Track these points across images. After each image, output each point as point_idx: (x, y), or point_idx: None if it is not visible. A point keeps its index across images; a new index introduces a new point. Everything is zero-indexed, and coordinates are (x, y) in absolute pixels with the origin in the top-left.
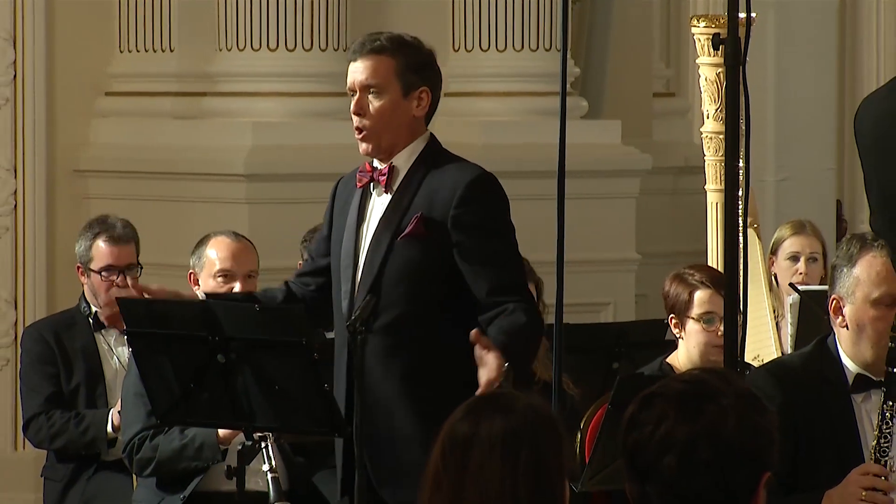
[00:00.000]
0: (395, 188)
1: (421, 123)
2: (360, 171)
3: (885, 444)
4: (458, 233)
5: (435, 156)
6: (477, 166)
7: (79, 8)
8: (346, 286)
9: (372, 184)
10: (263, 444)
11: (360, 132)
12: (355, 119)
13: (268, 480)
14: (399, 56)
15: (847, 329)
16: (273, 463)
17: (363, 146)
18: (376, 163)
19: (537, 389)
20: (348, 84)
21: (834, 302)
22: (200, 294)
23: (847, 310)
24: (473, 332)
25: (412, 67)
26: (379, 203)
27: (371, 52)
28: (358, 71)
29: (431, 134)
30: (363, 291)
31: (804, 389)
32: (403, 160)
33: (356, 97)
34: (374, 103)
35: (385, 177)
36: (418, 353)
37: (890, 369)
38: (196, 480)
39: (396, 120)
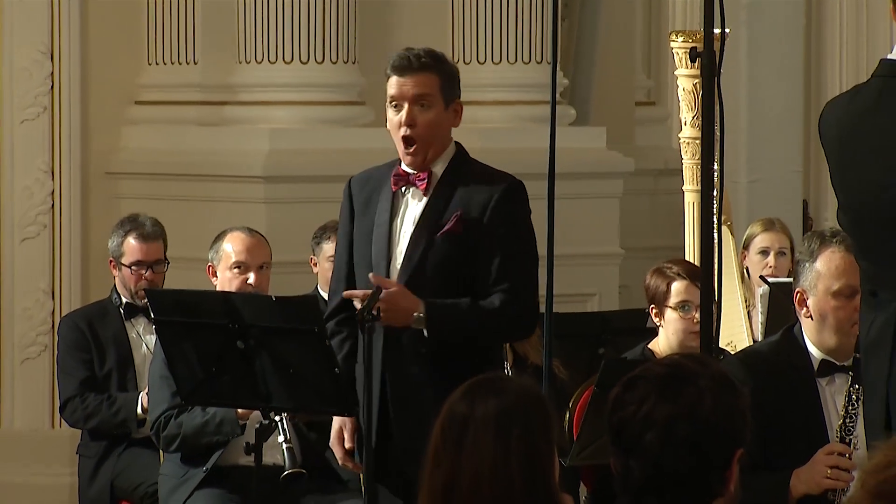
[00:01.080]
0: (431, 191)
1: (451, 132)
2: (395, 175)
3: (851, 424)
4: (488, 231)
5: (466, 161)
6: (508, 174)
7: (110, 24)
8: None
9: (408, 186)
10: (278, 418)
11: (411, 144)
12: (405, 129)
13: (283, 451)
14: (441, 72)
15: (811, 319)
16: (288, 435)
17: (410, 159)
18: (406, 167)
19: (529, 372)
20: (395, 96)
21: (798, 294)
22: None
23: (810, 301)
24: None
25: (450, 82)
26: (414, 204)
27: (419, 69)
28: (408, 85)
29: (457, 141)
30: (401, 282)
31: (773, 375)
32: (439, 166)
33: (406, 110)
34: (423, 115)
35: (424, 181)
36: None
37: (856, 355)
38: (217, 455)
39: (440, 131)
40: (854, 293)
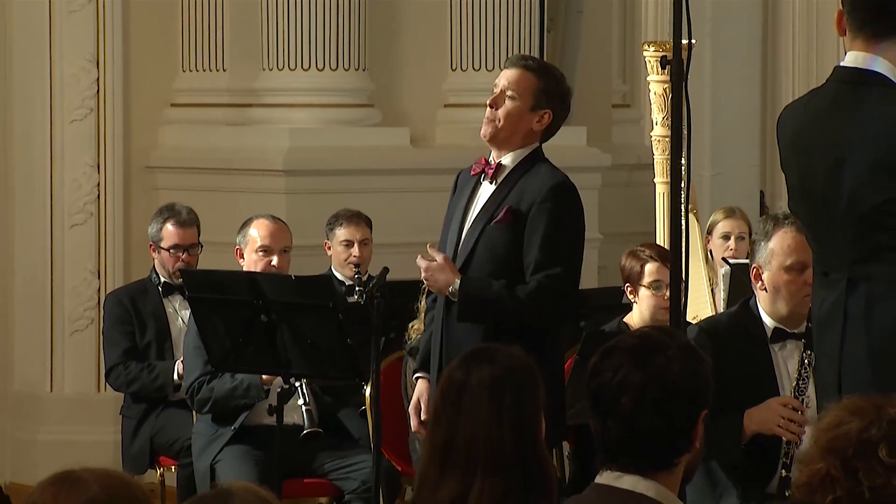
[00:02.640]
0: (498, 182)
1: (536, 136)
2: (476, 164)
3: (803, 385)
4: (532, 222)
5: (534, 161)
6: (563, 174)
7: (149, 36)
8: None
9: (482, 174)
10: (298, 384)
11: (489, 119)
12: (489, 109)
13: (302, 413)
14: (540, 78)
15: (766, 291)
16: (307, 399)
17: (485, 129)
18: (490, 157)
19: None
20: (496, 83)
21: (754, 270)
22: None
23: (765, 276)
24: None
25: (547, 91)
26: (485, 192)
27: (521, 67)
28: (506, 76)
29: (539, 145)
30: (458, 264)
31: (731, 341)
32: (510, 160)
33: (496, 93)
34: (507, 104)
35: (493, 171)
36: None
37: (808, 324)
38: (243, 416)
39: (516, 124)
40: (804, 268)
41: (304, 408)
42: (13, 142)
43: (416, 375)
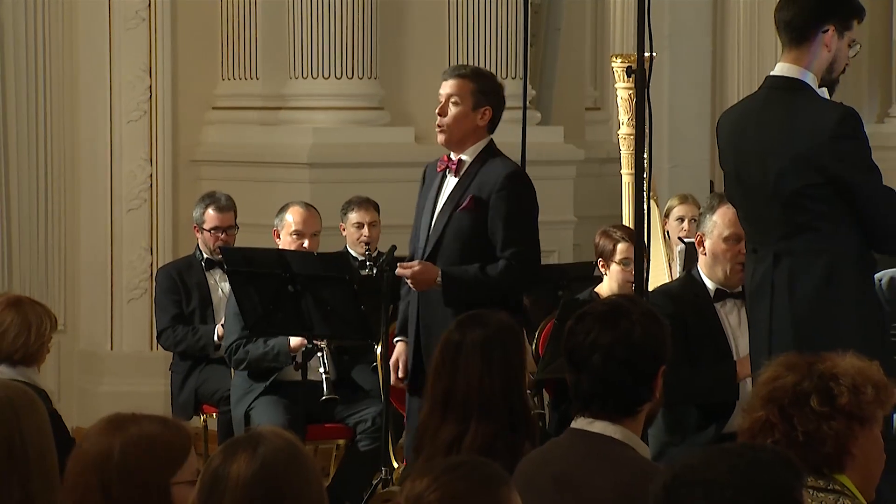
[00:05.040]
0: (460, 175)
1: (484, 131)
2: (440, 161)
3: None
4: (493, 209)
5: (489, 154)
6: (515, 164)
7: (194, 49)
8: (421, 242)
9: (447, 170)
10: (320, 354)
11: (440, 128)
12: (439, 118)
13: (322, 380)
14: (475, 81)
15: (706, 256)
16: (327, 367)
17: (440, 137)
18: (452, 155)
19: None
20: (440, 92)
21: (699, 237)
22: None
23: (707, 243)
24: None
25: (483, 91)
26: (450, 184)
27: (456, 75)
28: (446, 86)
29: (491, 138)
30: (430, 248)
31: (684, 302)
32: (468, 154)
33: (442, 103)
34: (452, 109)
35: (455, 166)
36: None
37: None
38: (275, 374)
39: (465, 124)
40: (739, 239)
41: (323, 376)
42: (79, 139)
43: (396, 339)
